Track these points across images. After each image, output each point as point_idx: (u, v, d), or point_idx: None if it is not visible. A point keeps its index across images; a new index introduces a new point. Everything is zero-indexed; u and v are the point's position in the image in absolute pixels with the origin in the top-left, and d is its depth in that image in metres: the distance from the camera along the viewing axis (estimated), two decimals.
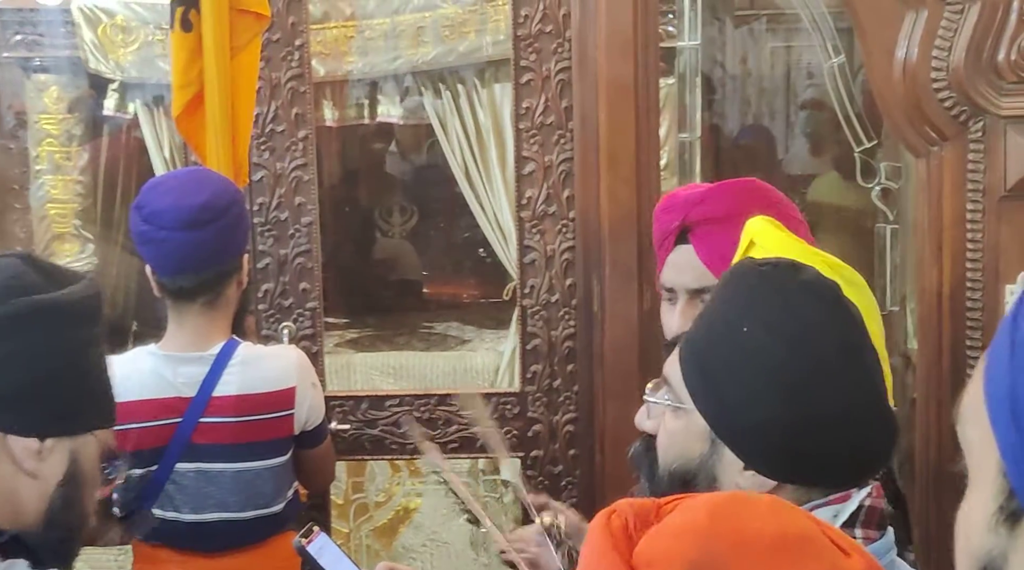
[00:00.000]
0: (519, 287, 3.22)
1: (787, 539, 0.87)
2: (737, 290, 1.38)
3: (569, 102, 3.08)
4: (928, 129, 2.70)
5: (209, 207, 2.34)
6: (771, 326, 1.31)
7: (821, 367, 1.30)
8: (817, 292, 1.34)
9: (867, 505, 1.34)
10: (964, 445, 0.72)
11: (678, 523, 0.90)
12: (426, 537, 4.05)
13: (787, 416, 1.29)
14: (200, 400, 2.38)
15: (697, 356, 1.37)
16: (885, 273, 3.43)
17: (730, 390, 1.32)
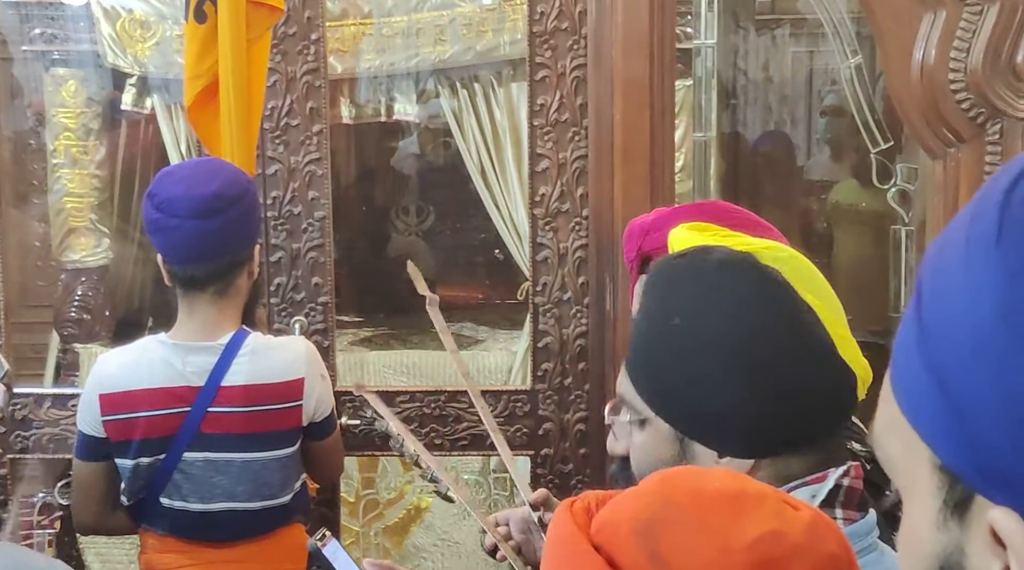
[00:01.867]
0: (531, 284, 3.21)
1: (735, 494, 0.91)
2: (658, 288, 1.38)
3: (584, 99, 3.08)
4: (945, 131, 2.69)
5: (221, 196, 2.34)
6: (700, 310, 1.32)
7: (760, 333, 1.30)
8: (733, 266, 1.35)
9: (845, 485, 1.33)
10: (889, 467, 0.70)
11: (632, 490, 0.94)
12: (437, 537, 4.05)
13: (744, 389, 1.29)
14: (209, 389, 2.38)
15: (642, 363, 1.38)
16: (900, 275, 3.41)
17: (682, 384, 1.32)
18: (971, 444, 0.62)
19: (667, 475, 0.94)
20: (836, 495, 1.32)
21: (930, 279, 0.66)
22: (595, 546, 0.89)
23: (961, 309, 0.63)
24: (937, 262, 0.66)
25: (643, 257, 1.95)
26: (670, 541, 0.87)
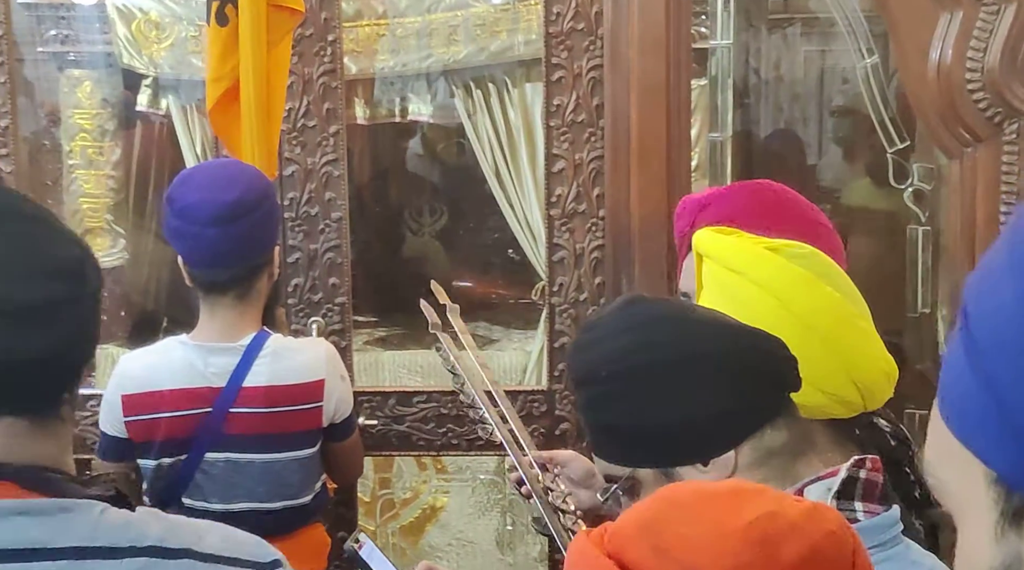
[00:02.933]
0: (547, 285, 3.22)
1: (735, 488, 0.95)
2: (571, 366, 1.46)
3: (600, 100, 3.08)
4: (962, 130, 2.69)
5: (241, 202, 2.35)
6: (608, 354, 1.38)
7: (659, 336, 1.36)
8: (615, 311, 1.43)
9: (863, 478, 1.34)
10: (942, 493, 0.71)
11: (641, 501, 0.98)
12: (452, 536, 4.05)
13: (690, 396, 1.34)
14: (230, 390, 2.39)
15: (597, 432, 1.42)
16: (916, 275, 3.41)
17: (637, 425, 1.36)
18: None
19: (676, 485, 0.99)
20: (854, 488, 1.33)
21: (975, 297, 0.67)
22: (608, 554, 0.91)
23: (1012, 315, 0.63)
24: (981, 281, 0.68)
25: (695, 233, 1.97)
26: (671, 533, 0.89)
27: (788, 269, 1.51)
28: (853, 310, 1.51)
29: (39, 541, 1.08)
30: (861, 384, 1.47)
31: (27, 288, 1.07)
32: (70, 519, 1.10)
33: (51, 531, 1.08)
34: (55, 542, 1.08)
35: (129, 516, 1.14)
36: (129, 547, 1.11)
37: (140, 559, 1.11)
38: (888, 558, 1.30)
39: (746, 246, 1.57)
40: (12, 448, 1.10)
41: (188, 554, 1.14)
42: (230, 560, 1.17)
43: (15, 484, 1.09)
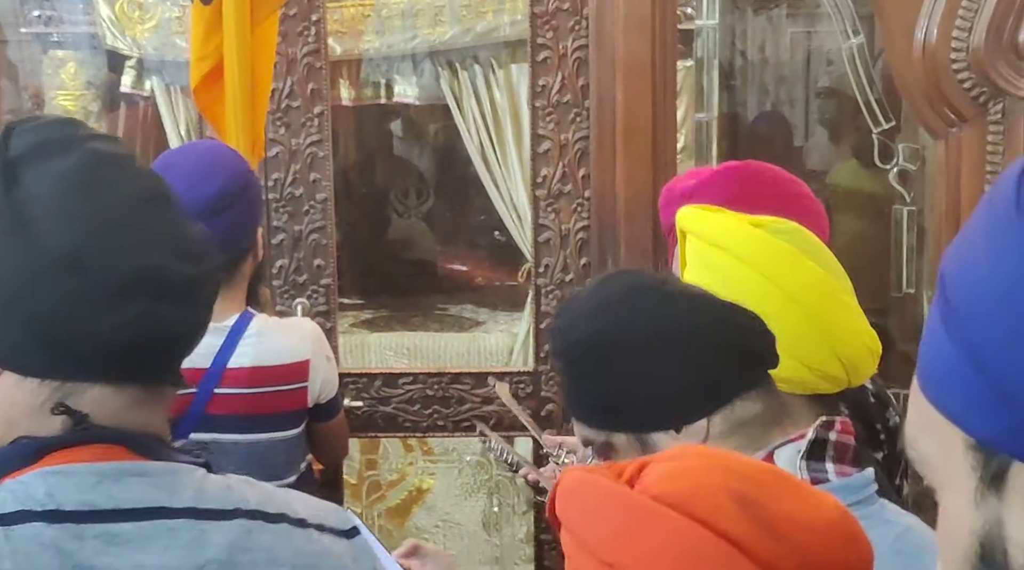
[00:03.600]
0: (533, 266, 3.21)
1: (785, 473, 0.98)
2: (552, 338, 1.51)
3: (586, 80, 3.08)
4: (947, 110, 2.69)
5: (223, 194, 2.31)
6: (585, 332, 1.42)
7: (632, 315, 1.40)
8: (597, 285, 1.49)
9: (833, 439, 1.37)
10: (922, 464, 0.71)
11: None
12: (439, 518, 4.06)
13: (664, 362, 1.37)
14: (215, 371, 2.38)
15: (574, 399, 1.46)
16: (901, 255, 3.42)
17: (613, 390, 1.40)
18: (1008, 407, 0.63)
19: (722, 452, 0.99)
20: (824, 449, 1.36)
21: (953, 265, 0.68)
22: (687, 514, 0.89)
23: (986, 275, 0.64)
24: (958, 249, 0.68)
25: None
26: (775, 508, 0.89)
27: (772, 244, 1.51)
28: (837, 285, 1.52)
29: (158, 501, 1.12)
30: (845, 359, 1.48)
31: (180, 267, 1.13)
32: (179, 482, 1.14)
33: (167, 492, 1.12)
34: (172, 502, 1.12)
35: (227, 481, 1.18)
36: (235, 509, 1.15)
37: (247, 521, 1.15)
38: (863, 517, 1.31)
39: (730, 222, 1.58)
40: (130, 415, 1.14)
41: (284, 519, 1.18)
42: (318, 526, 1.21)
43: (125, 448, 1.13)
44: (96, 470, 1.11)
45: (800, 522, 0.88)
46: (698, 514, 0.87)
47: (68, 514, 1.08)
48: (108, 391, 1.13)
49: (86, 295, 1.08)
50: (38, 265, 1.08)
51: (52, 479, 1.10)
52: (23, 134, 1.14)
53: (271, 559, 1.14)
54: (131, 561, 1.08)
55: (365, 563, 1.23)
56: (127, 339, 1.10)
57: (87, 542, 1.08)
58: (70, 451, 1.12)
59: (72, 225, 1.09)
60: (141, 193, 1.15)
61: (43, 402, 1.12)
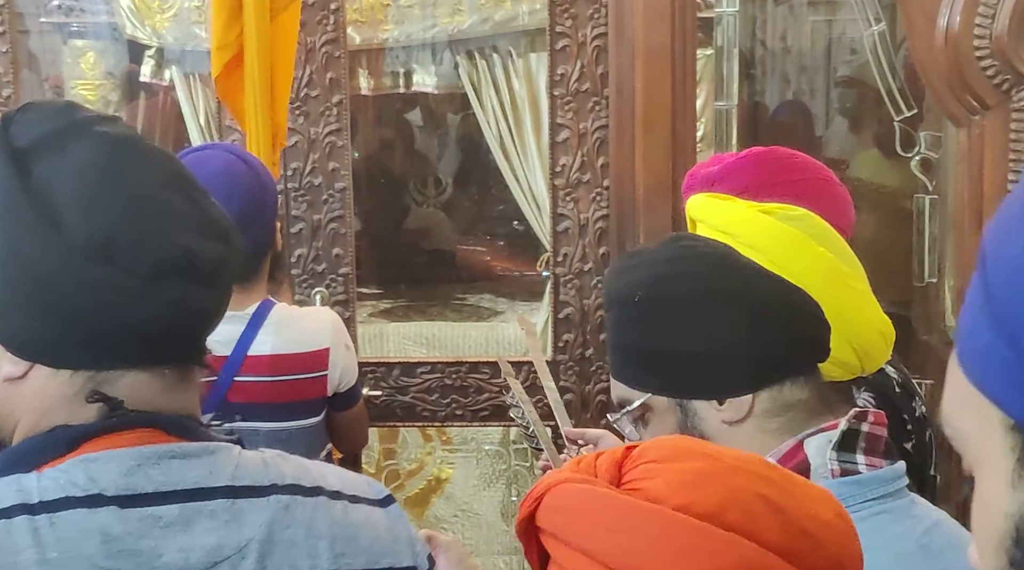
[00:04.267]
0: (552, 255, 3.21)
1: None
2: (611, 284, 1.46)
3: (605, 69, 3.06)
4: (970, 98, 2.67)
5: (242, 217, 2.21)
6: (654, 276, 1.38)
7: (717, 273, 1.37)
8: (664, 242, 1.45)
9: (865, 431, 1.34)
10: (960, 442, 0.70)
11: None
12: (457, 508, 4.06)
13: (718, 327, 1.34)
14: (235, 359, 2.38)
15: (620, 352, 1.43)
16: (923, 244, 3.39)
17: (662, 350, 1.37)
18: None
19: (744, 457, 0.94)
20: (855, 440, 1.33)
21: (991, 243, 0.67)
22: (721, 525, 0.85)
23: (1019, 250, 0.63)
24: (998, 226, 0.67)
25: None
26: (800, 512, 0.87)
27: (781, 230, 1.51)
28: (847, 271, 1.50)
29: (195, 481, 1.12)
30: (857, 346, 1.46)
31: (207, 248, 1.14)
32: (216, 461, 1.15)
33: (203, 472, 1.13)
34: (209, 482, 1.13)
35: (262, 457, 1.19)
36: (271, 485, 1.16)
37: (284, 497, 1.16)
38: (887, 510, 1.31)
39: (738, 209, 1.58)
40: (164, 399, 1.15)
41: (320, 492, 1.19)
42: (352, 497, 1.21)
43: (160, 430, 1.14)
44: (135, 454, 1.11)
45: (818, 519, 0.86)
46: (735, 525, 0.84)
47: (111, 499, 1.09)
48: (143, 376, 1.13)
49: (119, 284, 1.08)
50: (69, 258, 1.08)
51: (92, 466, 1.10)
52: (24, 123, 1.13)
53: (311, 532, 1.15)
54: (176, 544, 1.09)
55: (401, 531, 1.23)
56: (162, 325, 1.11)
57: (131, 526, 1.09)
58: (108, 438, 1.12)
59: (99, 214, 1.09)
60: (161, 175, 1.15)
61: (76, 392, 1.12)
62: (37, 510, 1.08)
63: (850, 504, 1.28)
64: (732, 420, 1.34)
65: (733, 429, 1.34)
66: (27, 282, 1.10)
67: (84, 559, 1.06)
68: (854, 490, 1.30)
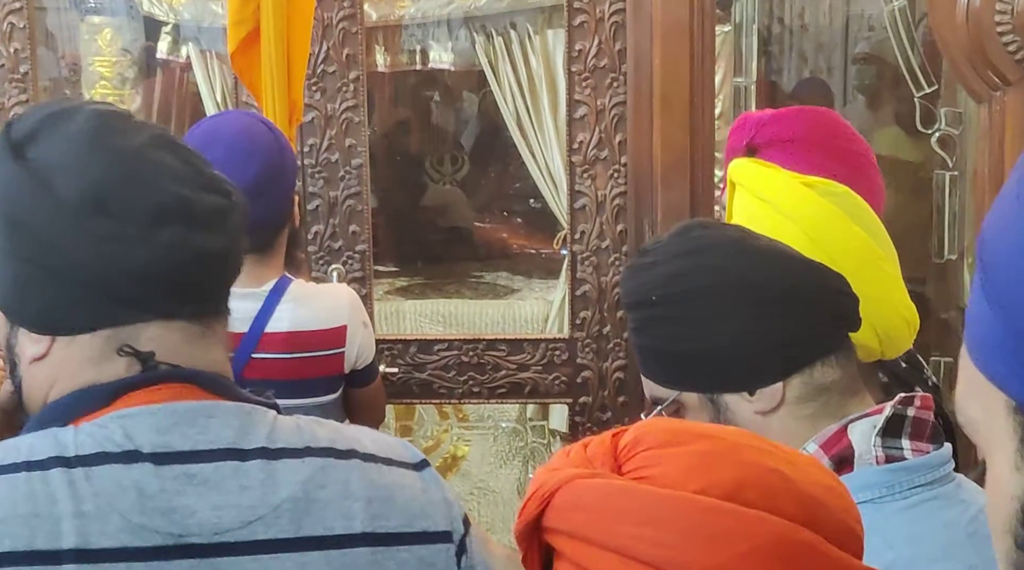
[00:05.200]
0: (569, 233, 3.20)
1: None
2: (627, 286, 1.43)
3: (623, 45, 3.05)
4: (991, 74, 2.65)
5: (259, 181, 2.25)
6: (667, 274, 1.36)
7: (717, 261, 1.34)
8: (673, 235, 1.41)
9: (911, 416, 1.31)
10: (971, 430, 0.70)
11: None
12: (473, 485, 4.07)
13: (743, 317, 1.32)
14: (252, 335, 2.38)
15: (646, 352, 1.41)
16: (943, 221, 3.38)
17: (686, 347, 1.35)
18: None
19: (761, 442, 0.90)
20: (901, 425, 1.30)
21: (989, 227, 0.68)
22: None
23: (1016, 237, 0.63)
24: (994, 211, 0.68)
25: (751, 148, 1.96)
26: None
27: (820, 204, 1.49)
28: (880, 253, 1.49)
29: (231, 441, 1.13)
30: (880, 330, 1.45)
31: (201, 198, 1.15)
32: (252, 422, 1.15)
33: (239, 433, 1.14)
34: (244, 443, 1.14)
35: (297, 420, 1.20)
36: (306, 448, 1.16)
37: (319, 459, 1.16)
38: (936, 497, 1.29)
39: (781, 178, 1.56)
40: (190, 352, 1.16)
41: (355, 455, 1.19)
42: (386, 460, 1.21)
43: (196, 386, 1.15)
44: (172, 411, 1.12)
45: (822, 485, 0.85)
46: (756, 502, 0.82)
47: (146, 455, 1.10)
48: (160, 329, 1.15)
49: (117, 233, 1.11)
50: (67, 218, 1.11)
51: (129, 421, 1.11)
52: (23, 119, 1.18)
53: (346, 493, 1.16)
54: (209, 502, 1.10)
55: (436, 494, 1.23)
56: (165, 268, 1.12)
57: (166, 483, 1.09)
58: (144, 392, 1.13)
59: (87, 172, 1.12)
60: (151, 138, 1.17)
61: (100, 352, 1.14)
62: (73, 463, 1.09)
63: (897, 491, 1.27)
64: (765, 410, 1.32)
65: (767, 419, 1.32)
66: (34, 252, 1.13)
67: (118, 514, 1.07)
68: (901, 477, 1.28)
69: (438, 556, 1.20)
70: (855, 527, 0.85)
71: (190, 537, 1.09)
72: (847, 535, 0.83)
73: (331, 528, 1.14)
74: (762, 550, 0.80)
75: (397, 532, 1.18)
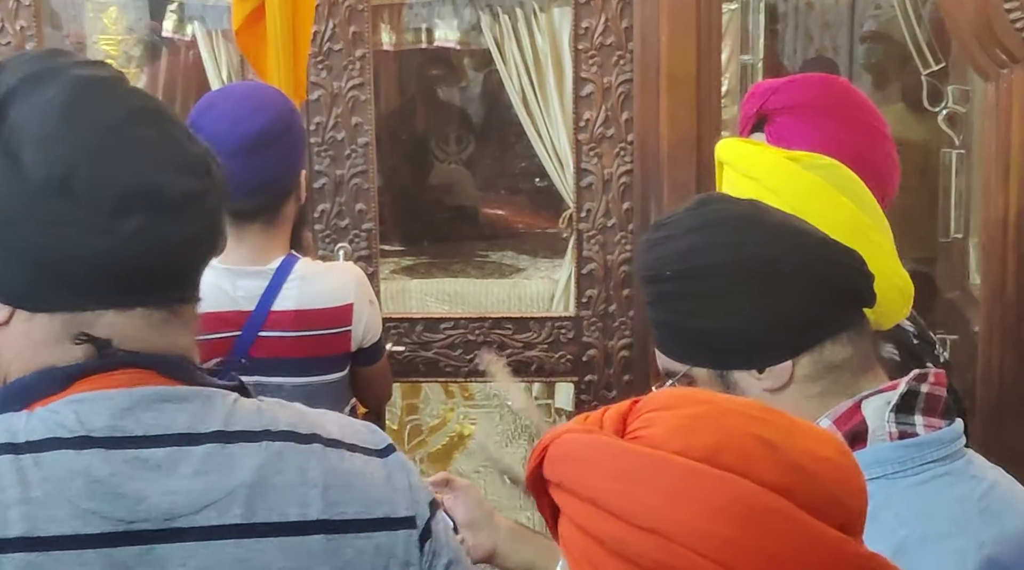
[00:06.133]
0: (575, 211, 3.20)
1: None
2: (641, 261, 1.43)
3: (629, 22, 3.04)
4: (998, 51, 2.64)
5: (266, 132, 2.31)
6: (682, 249, 1.36)
7: (747, 238, 1.34)
8: (692, 210, 1.41)
9: (924, 391, 1.31)
10: None
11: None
12: (479, 464, 4.07)
13: (754, 295, 1.32)
14: (259, 314, 2.38)
15: (658, 328, 1.42)
16: (950, 199, 3.37)
17: (699, 322, 1.36)
18: None
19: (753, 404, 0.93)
20: (914, 401, 1.31)
21: None
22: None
23: None
24: None
25: (761, 116, 1.97)
26: (798, 449, 0.87)
27: (804, 177, 1.50)
28: (868, 222, 1.49)
29: (186, 426, 1.11)
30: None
31: (177, 181, 1.12)
32: (210, 406, 1.13)
33: (195, 417, 1.12)
34: (200, 427, 1.12)
35: (258, 404, 1.18)
36: (265, 431, 1.14)
37: (277, 443, 1.14)
38: (948, 472, 1.29)
39: (765, 154, 1.58)
40: (151, 337, 1.13)
41: (316, 439, 1.17)
42: (350, 446, 1.20)
43: (155, 372, 1.13)
44: (126, 396, 1.10)
45: (819, 457, 0.86)
46: (731, 465, 0.84)
47: (98, 440, 1.08)
48: (121, 316, 1.12)
49: (79, 219, 1.07)
50: (26, 195, 1.08)
51: (82, 406, 1.10)
52: (11, 69, 1.13)
53: (303, 479, 1.14)
54: (161, 487, 1.08)
55: (399, 480, 1.20)
56: (126, 259, 1.09)
57: (117, 468, 1.08)
58: (99, 377, 1.11)
59: (55, 151, 1.08)
60: (131, 113, 1.13)
61: (58, 335, 1.11)
62: (22, 450, 1.07)
63: (909, 467, 1.28)
64: (773, 388, 1.33)
65: (776, 397, 1.32)
66: None
67: (66, 500, 1.06)
68: (913, 453, 1.28)
69: (397, 543, 1.18)
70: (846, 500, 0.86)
71: (141, 523, 1.07)
72: (832, 506, 0.84)
73: (286, 514, 1.12)
74: (723, 510, 0.82)
75: (355, 519, 1.15)
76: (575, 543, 0.90)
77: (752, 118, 1.98)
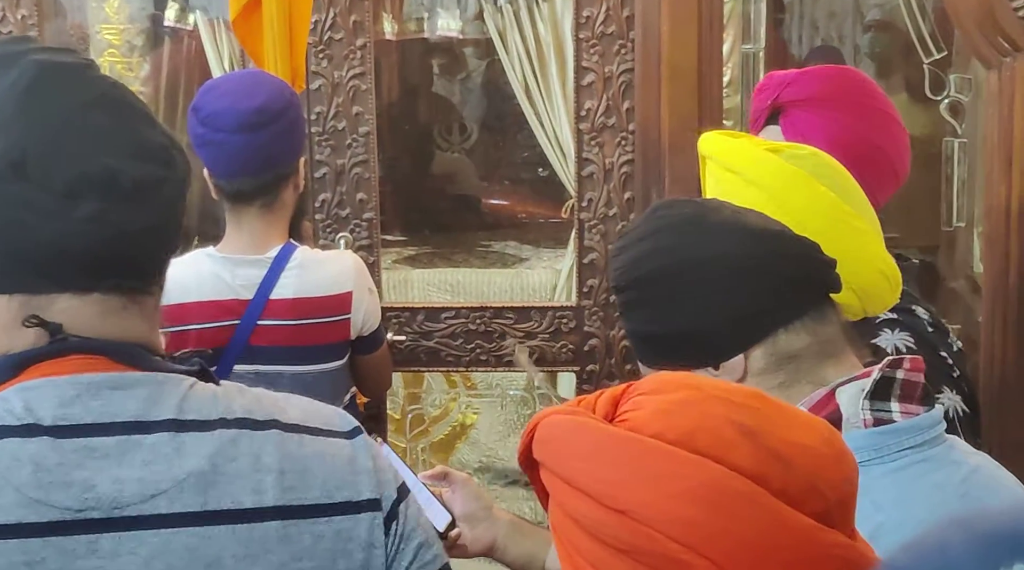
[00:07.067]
0: (576, 200, 3.19)
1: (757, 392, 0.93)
2: (609, 275, 1.50)
3: (631, 11, 3.03)
4: (1001, 39, 2.63)
5: (265, 110, 2.33)
6: (627, 262, 1.39)
7: (671, 241, 1.36)
8: (641, 218, 1.44)
9: (900, 378, 1.30)
10: None
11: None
12: (482, 454, 4.08)
13: (701, 295, 1.33)
14: (258, 302, 2.39)
15: (632, 337, 1.45)
16: (952, 189, 3.36)
17: (652, 330, 1.38)
18: None
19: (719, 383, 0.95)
20: (890, 388, 1.30)
21: None
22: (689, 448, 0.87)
23: None
24: None
25: (775, 108, 1.97)
26: (779, 439, 0.87)
27: (783, 168, 1.51)
28: (849, 210, 1.49)
29: (136, 414, 1.11)
30: (856, 286, 1.44)
31: (134, 168, 1.11)
32: (162, 393, 1.13)
33: (146, 404, 1.11)
34: (150, 415, 1.11)
35: (215, 390, 1.17)
36: (219, 419, 1.13)
37: (231, 431, 1.13)
38: (926, 459, 1.29)
39: (746, 147, 1.58)
40: (105, 324, 1.13)
41: (274, 425, 1.16)
42: (312, 429, 1.18)
43: (106, 358, 1.12)
44: (76, 383, 1.10)
45: (799, 445, 0.86)
46: (705, 449, 0.85)
47: (46, 429, 1.08)
48: (75, 301, 1.11)
49: (32, 201, 1.07)
50: None
51: (31, 394, 1.09)
52: None
53: (257, 466, 1.12)
54: (110, 475, 1.07)
55: (364, 462, 1.19)
56: (80, 243, 1.09)
57: (66, 456, 1.07)
58: (50, 363, 1.10)
59: (13, 133, 1.08)
60: (90, 99, 1.12)
61: (13, 318, 1.11)
62: None
63: (885, 454, 1.27)
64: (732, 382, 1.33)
65: None
66: None
67: (13, 489, 1.05)
68: (889, 439, 1.28)
69: (360, 527, 1.16)
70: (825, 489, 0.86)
71: (89, 511, 1.06)
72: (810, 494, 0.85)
73: (240, 502, 1.11)
74: (691, 492, 0.83)
75: (314, 504, 1.14)
76: (559, 522, 0.91)
77: (766, 110, 1.97)
